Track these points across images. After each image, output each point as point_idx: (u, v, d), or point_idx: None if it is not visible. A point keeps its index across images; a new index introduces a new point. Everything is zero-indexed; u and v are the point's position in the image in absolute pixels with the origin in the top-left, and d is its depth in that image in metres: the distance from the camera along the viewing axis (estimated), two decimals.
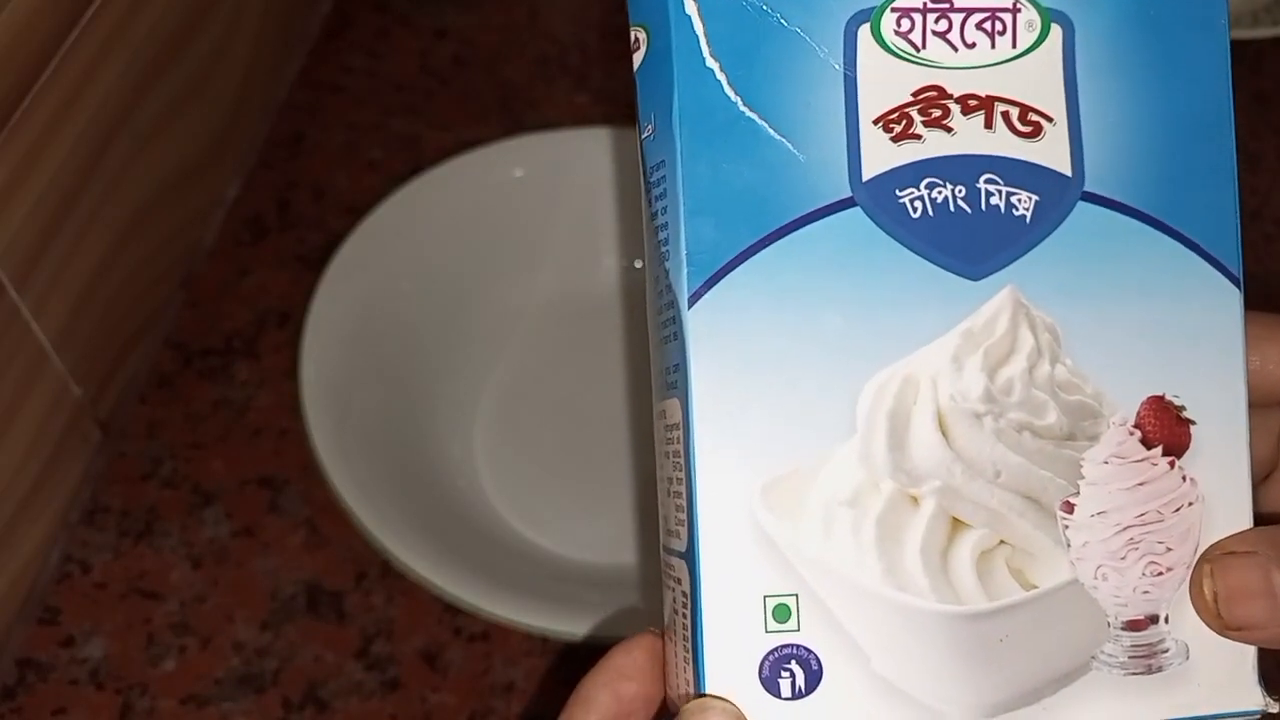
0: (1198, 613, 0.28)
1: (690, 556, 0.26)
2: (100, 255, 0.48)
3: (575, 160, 0.55)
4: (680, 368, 0.27)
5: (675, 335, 0.27)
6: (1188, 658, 0.27)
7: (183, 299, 0.55)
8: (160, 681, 0.45)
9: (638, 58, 0.29)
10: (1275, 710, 0.28)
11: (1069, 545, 0.27)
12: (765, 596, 0.26)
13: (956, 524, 0.27)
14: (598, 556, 0.48)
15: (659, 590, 0.29)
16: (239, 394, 0.52)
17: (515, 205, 0.55)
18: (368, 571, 0.48)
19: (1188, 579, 0.27)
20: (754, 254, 0.27)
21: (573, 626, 0.43)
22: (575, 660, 0.46)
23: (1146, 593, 0.27)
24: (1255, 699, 0.28)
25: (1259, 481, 0.31)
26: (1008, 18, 0.28)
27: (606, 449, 0.51)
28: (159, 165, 0.52)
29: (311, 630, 0.46)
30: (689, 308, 0.27)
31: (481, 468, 0.51)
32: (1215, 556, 0.27)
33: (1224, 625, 0.27)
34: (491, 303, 0.54)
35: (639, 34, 0.29)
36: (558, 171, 0.55)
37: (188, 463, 0.50)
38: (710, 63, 0.27)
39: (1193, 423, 0.28)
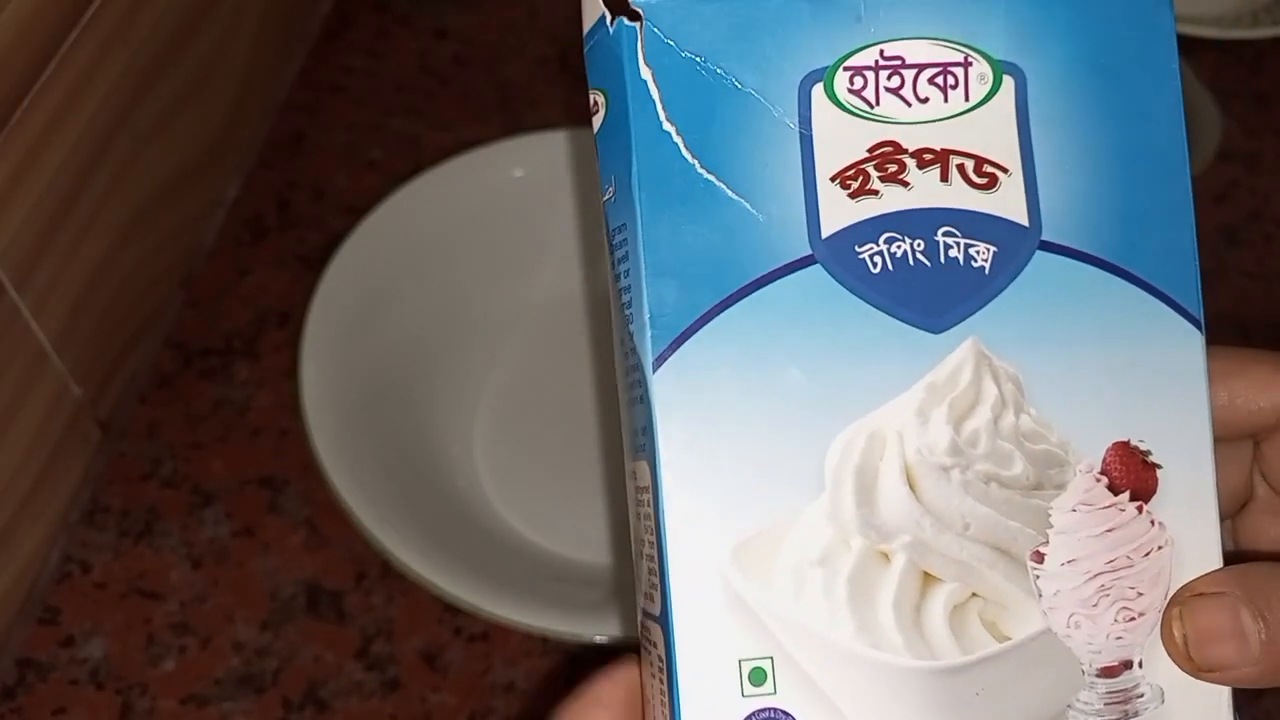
0: (1170, 655, 0.28)
1: (664, 621, 0.26)
2: (100, 255, 0.48)
3: (575, 160, 0.55)
4: (648, 431, 0.27)
5: (642, 398, 0.27)
6: (1163, 701, 0.27)
7: (183, 299, 0.55)
8: (160, 681, 0.45)
9: (597, 121, 0.29)
10: None
11: (1041, 595, 0.27)
12: (741, 660, 0.26)
13: (928, 578, 0.27)
14: (598, 556, 0.48)
15: None
16: (239, 394, 0.52)
17: (515, 205, 0.55)
18: (368, 571, 0.48)
19: (1160, 623, 0.27)
20: (717, 315, 0.27)
21: (573, 626, 0.43)
22: (575, 660, 0.46)
23: (1120, 638, 0.27)
24: None
25: (1234, 514, 0.31)
26: (960, 71, 0.28)
27: (606, 449, 0.51)
28: (159, 165, 0.52)
29: (311, 630, 0.46)
30: (654, 371, 0.27)
31: (481, 468, 0.51)
32: (1185, 599, 0.27)
33: (1195, 667, 0.27)
34: (491, 303, 0.54)
35: (598, 98, 0.29)
36: (558, 171, 0.55)
37: (188, 463, 0.50)
38: (667, 126, 0.27)
39: (1159, 466, 0.28)
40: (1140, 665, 0.27)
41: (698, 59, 0.28)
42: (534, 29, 0.68)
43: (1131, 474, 0.28)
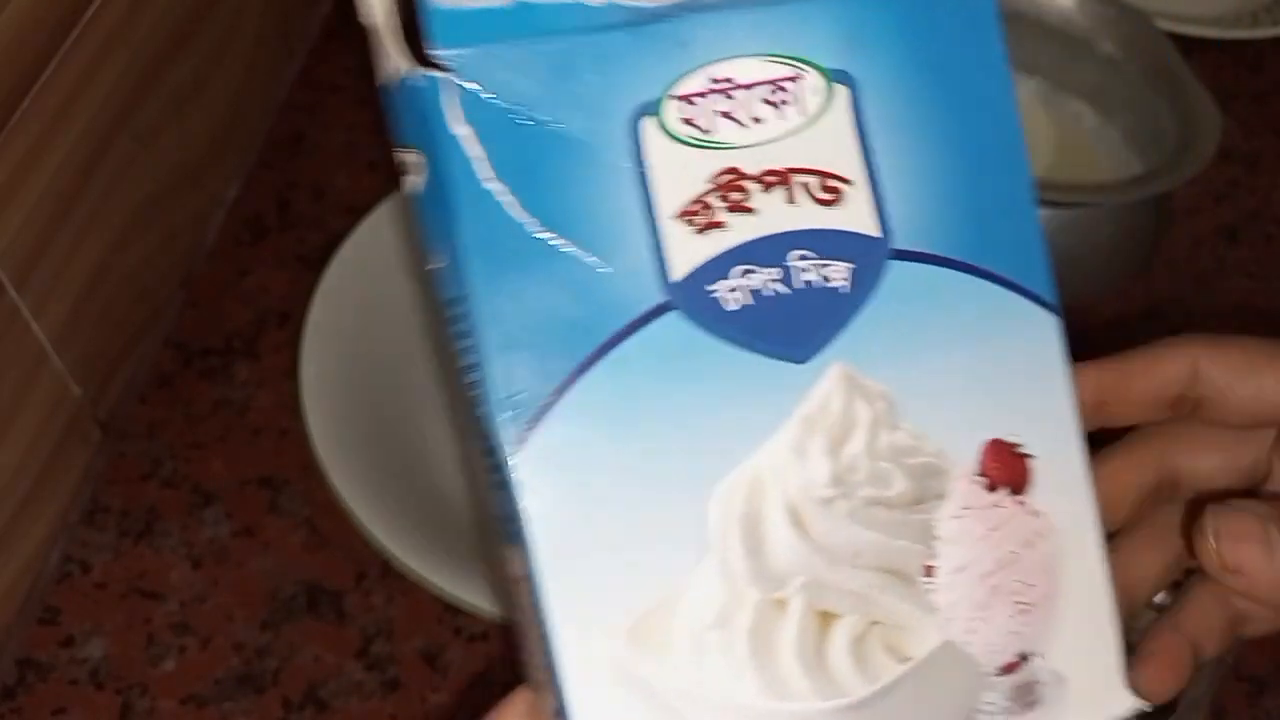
0: (1198, 555, 0.28)
1: (562, 718, 0.25)
2: (100, 255, 0.48)
3: None
4: (514, 518, 0.25)
5: (502, 484, 0.25)
6: (1065, 683, 0.27)
7: (183, 299, 0.55)
8: (160, 681, 0.45)
9: (412, 183, 0.27)
10: (1147, 708, 0.28)
11: (936, 608, 0.27)
12: None
13: (826, 616, 0.26)
14: None
15: None
16: (239, 394, 0.52)
17: None
18: (368, 571, 0.48)
19: (1054, 610, 0.28)
20: (574, 383, 0.25)
21: None
22: None
23: (1016, 632, 0.27)
24: (1126, 701, 0.28)
25: (1260, 488, 0.31)
26: (791, 86, 0.27)
27: None
28: (159, 165, 0.52)
29: (311, 630, 0.46)
30: (513, 456, 0.25)
31: None
32: (1219, 507, 0.28)
33: (1222, 565, 0.28)
34: None
35: (410, 157, 0.27)
36: None
37: (188, 463, 0.50)
38: (489, 186, 0.25)
39: (1031, 456, 0.27)
40: (1039, 656, 0.27)
41: (517, 108, 0.25)
42: None
43: (1006, 469, 0.27)
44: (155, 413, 0.52)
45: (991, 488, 0.27)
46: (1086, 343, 0.60)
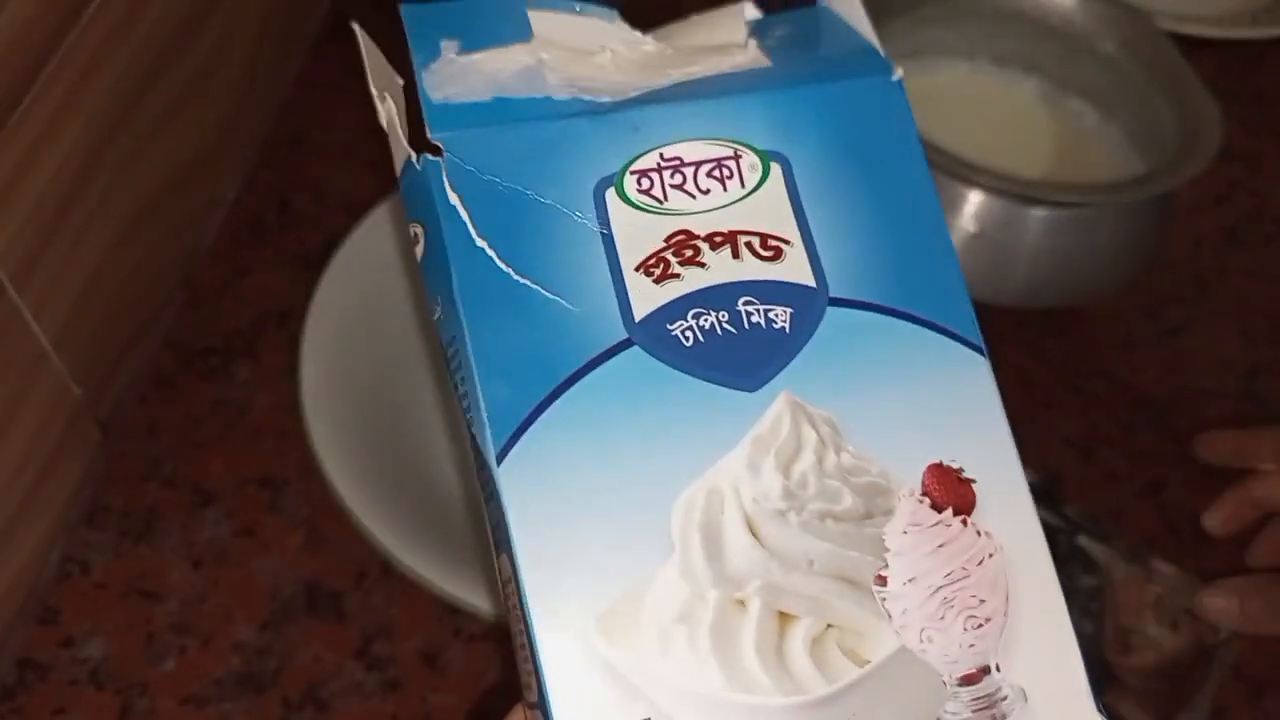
0: None
1: (543, 708, 0.27)
2: (100, 255, 0.48)
3: None
4: (501, 524, 0.28)
5: (492, 495, 0.29)
6: (1026, 700, 0.29)
7: (183, 299, 0.55)
8: (160, 681, 0.45)
9: (419, 251, 0.32)
10: None
11: (891, 616, 0.28)
12: None
13: (785, 617, 0.28)
14: None
15: None
16: (239, 394, 0.52)
17: None
18: (368, 571, 0.48)
19: (1011, 628, 0.29)
20: (550, 405, 0.29)
21: None
22: None
23: (972, 645, 0.28)
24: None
25: None
26: (733, 164, 0.32)
27: None
28: (159, 165, 0.52)
29: (311, 630, 0.46)
30: (498, 465, 0.28)
31: None
32: None
33: None
34: None
35: (417, 230, 0.32)
36: None
37: (188, 463, 0.50)
38: (480, 243, 0.30)
39: (973, 481, 0.30)
40: (998, 669, 0.29)
41: (498, 180, 0.30)
42: None
43: (950, 490, 0.30)
44: (155, 413, 0.52)
45: (937, 507, 0.29)
46: (1087, 343, 0.60)
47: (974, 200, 0.54)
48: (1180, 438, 0.55)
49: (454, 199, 0.30)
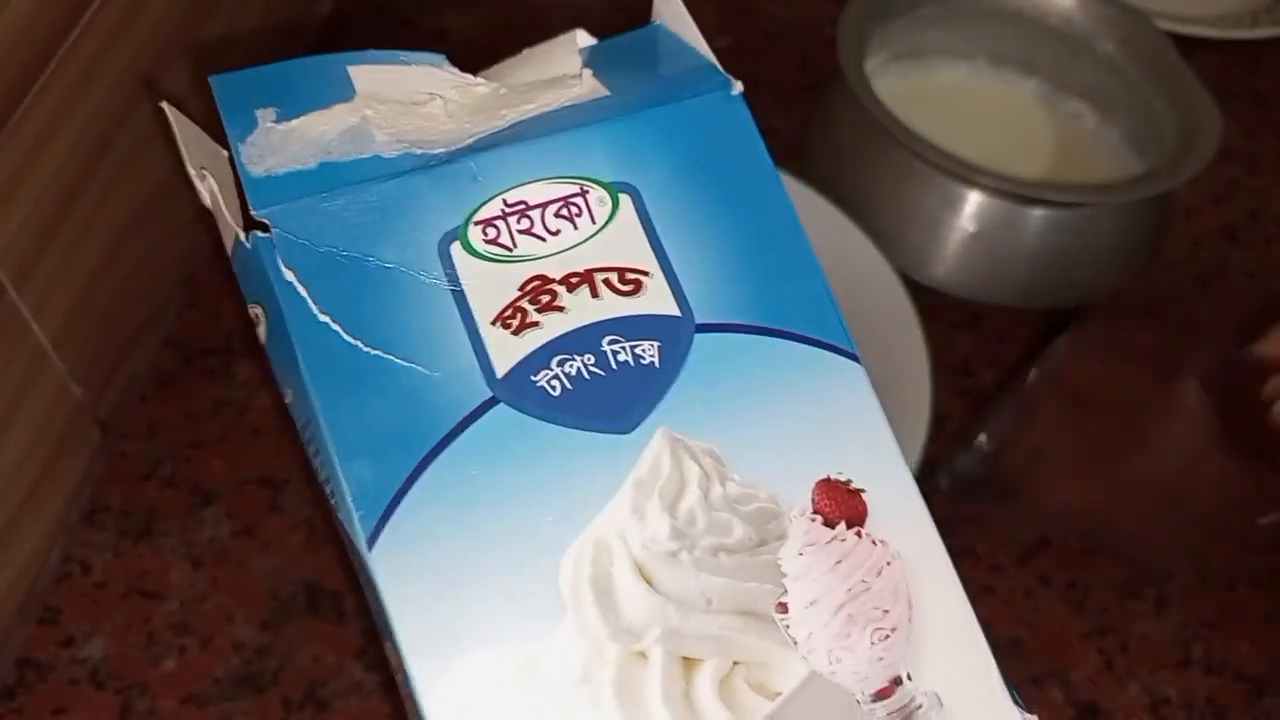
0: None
1: None
2: (100, 255, 0.48)
3: None
4: (381, 612, 0.27)
5: (369, 580, 0.27)
6: (942, 704, 0.28)
7: (183, 299, 0.55)
8: (160, 681, 0.45)
9: (262, 333, 0.30)
10: None
11: (796, 642, 0.28)
12: None
13: (689, 662, 0.27)
14: None
15: None
16: (239, 394, 0.52)
17: None
18: None
19: (917, 634, 0.29)
20: (417, 478, 0.27)
21: None
22: None
23: (881, 659, 0.28)
24: (1012, 716, 0.28)
25: None
26: (580, 200, 0.30)
27: None
28: (159, 165, 0.52)
29: (311, 630, 0.46)
30: (369, 550, 0.27)
31: None
32: None
33: None
34: None
35: (257, 311, 0.30)
36: None
37: (188, 462, 0.50)
38: (323, 319, 0.28)
39: (863, 490, 0.29)
40: (909, 678, 0.28)
41: (335, 249, 0.29)
42: (534, 29, 0.68)
43: (840, 505, 0.29)
44: (155, 412, 0.52)
45: (829, 524, 0.29)
46: (1087, 342, 0.60)
47: (974, 200, 0.54)
48: None
49: (290, 276, 0.29)
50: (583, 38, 0.35)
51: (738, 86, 0.33)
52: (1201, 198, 0.65)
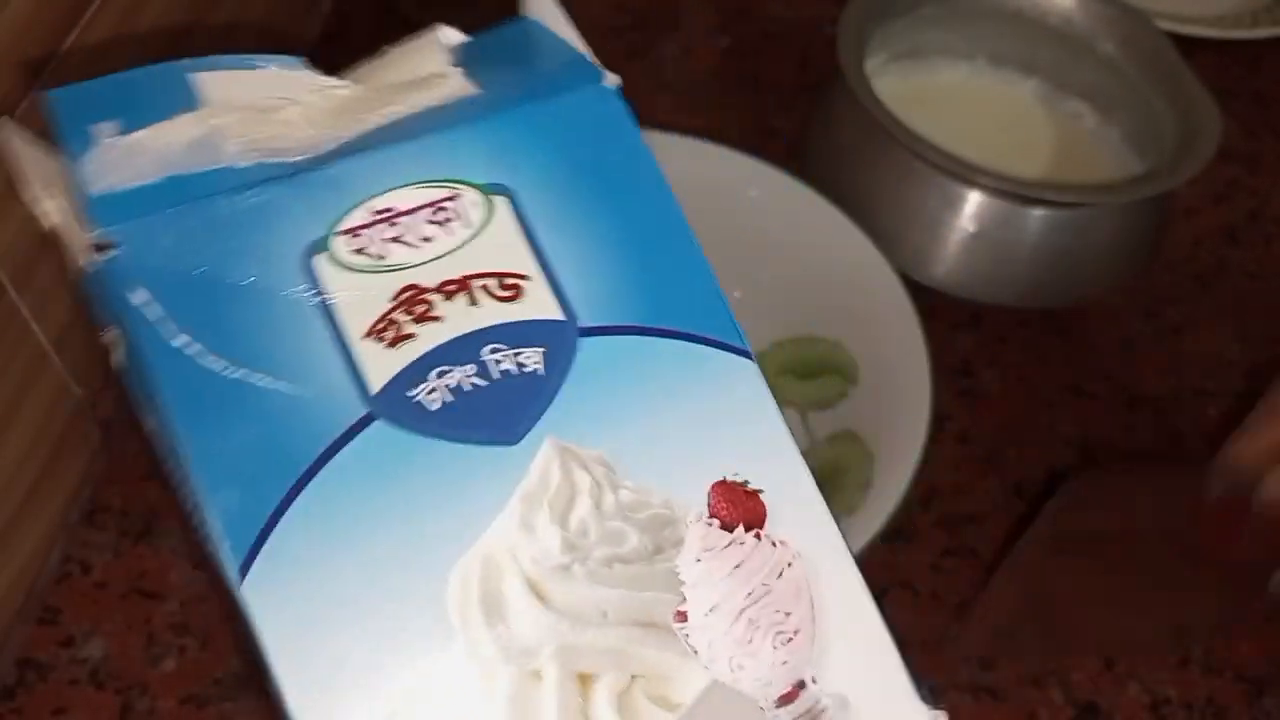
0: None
1: None
2: None
3: None
4: (258, 648, 0.26)
5: (243, 615, 0.26)
6: (848, 705, 0.27)
7: None
8: (160, 681, 0.45)
9: (116, 358, 0.29)
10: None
11: (697, 651, 0.27)
12: None
13: (585, 678, 0.26)
14: None
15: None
16: None
17: None
18: None
19: (820, 635, 0.28)
20: (290, 504, 0.26)
21: None
22: None
23: (785, 662, 0.27)
24: (919, 714, 0.28)
25: None
26: (451, 205, 0.29)
27: None
28: None
29: None
30: (240, 583, 0.26)
31: None
32: None
33: None
34: None
35: (113, 334, 0.28)
36: None
37: None
38: (179, 341, 0.27)
39: (760, 491, 0.28)
40: (814, 681, 0.27)
41: (187, 269, 0.27)
42: None
43: (738, 507, 0.28)
44: None
45: (728, 527, 0.28)
46: (1087, 343, 0.60)
47: (974, 200, 0.54)
48: (1180, 438, 0.55)
49: (138, 298, 0.27)
50: (451, 35, 0.33)
51: (612, 79, 0.31)
52: (1201, 198, 0.65)
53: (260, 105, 0.30)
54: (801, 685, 0.27)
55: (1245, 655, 0.48)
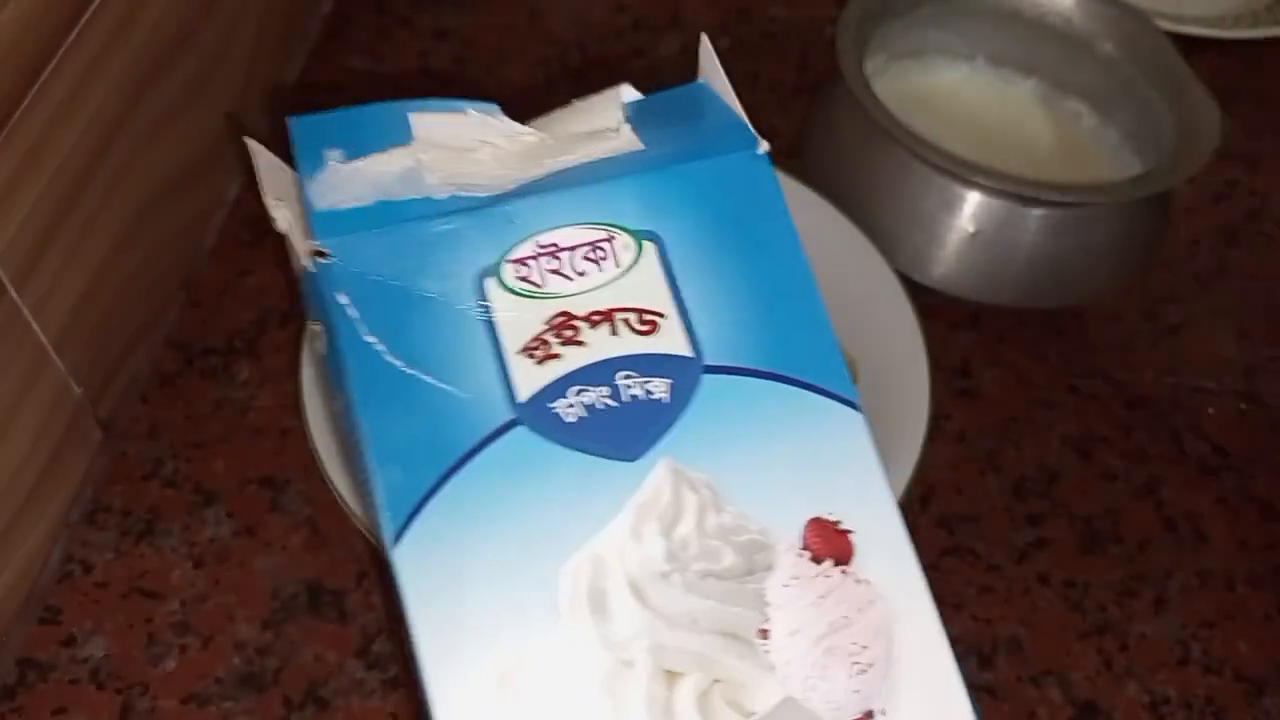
0: None
1: None
2: (101, 255, 0.48)
3: None
4: (399, 601, 0.30)
5: (392, 574, 0.30)
6: None
7: (184, 299, 0.55)
8: (161, 681, 0.45)
9: (320, 347, 0.34)
10: None
11: (774, 667, 0.29)
12: None
13: (672, 675, 0.29)
14: None
15: None
16: (240, 394, 0.52)
17: None
18: (369, 570, 0.48)
19: (894, 671, 0.30)
20: (441, 487, 0.30)
21: None
22: None
23: (857, 691, 0.29)
24: None
25: None
26: (607, 245, 0.33)
27: None
28: (159, 166, 0.52)
29: (312, 629, 0.46)
30: (394, 545, 0.30)
31: None
32: None
33: None
34: None
35: (317, 328, 0.34)
36: None
37: (189, 462, 0.50)
38: (370, 339, 0.32)
39: (851, 532, 0.31)
40: (883, 713, 0.30)
41: (384, 279, 0.32)
42: (533, 30, 0.68)
43: (828, 543, 0.31)
44: (156, 412, 0.52)
45: (817, 560, 0.31)
46: (1086, 343, 0.60)
47: (973, 200, 0.54)
48: (1178, 437, 0.55)
49: (343, 299, 0.32)
50: (627, 93, 0.37)
51: (764, 146, 0.35)
52: (1201, 198, 0.65)
53: (460, 145, 0.35)
54: (870, 715, 0.30)
55: (1245, 655, 0.48)
